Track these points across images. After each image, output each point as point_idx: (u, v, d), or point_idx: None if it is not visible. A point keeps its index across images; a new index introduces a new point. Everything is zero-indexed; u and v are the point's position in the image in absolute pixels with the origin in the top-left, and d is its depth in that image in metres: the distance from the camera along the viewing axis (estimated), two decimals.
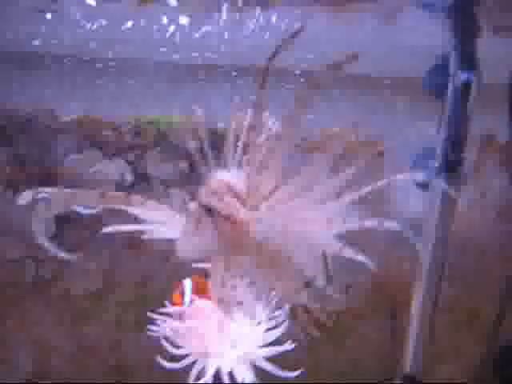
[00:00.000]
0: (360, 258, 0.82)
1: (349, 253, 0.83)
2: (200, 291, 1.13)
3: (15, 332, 1.88)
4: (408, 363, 1.85)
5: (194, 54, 1.78)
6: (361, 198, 0.83)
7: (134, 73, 1.85)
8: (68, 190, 0.81)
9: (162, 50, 1.77)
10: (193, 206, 0.82)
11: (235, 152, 0.90)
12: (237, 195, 0.82)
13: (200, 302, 1.13)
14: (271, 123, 0.90)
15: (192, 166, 1.93)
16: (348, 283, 0.90)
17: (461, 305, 1.95)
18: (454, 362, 1.94)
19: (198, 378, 1.15)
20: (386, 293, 1.95)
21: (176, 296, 1.17)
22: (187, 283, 1.16)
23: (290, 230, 0.83)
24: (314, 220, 0.83)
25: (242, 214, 0.81)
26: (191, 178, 1.92)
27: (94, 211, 0.90)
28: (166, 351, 1.17)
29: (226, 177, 0.84)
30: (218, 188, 0.82)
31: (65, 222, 1.87)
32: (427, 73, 1.79)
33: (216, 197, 0.81)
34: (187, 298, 1.15)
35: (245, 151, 0.84)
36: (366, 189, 0.83)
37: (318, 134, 1.48)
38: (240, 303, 0.85)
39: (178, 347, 1.15)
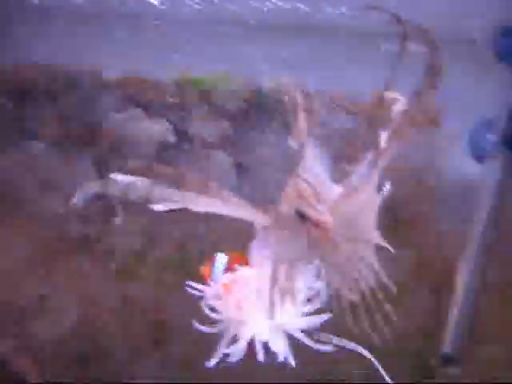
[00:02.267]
0: None
1: None
2: (235, 266, 1.06)
3: (63, 285, 1.96)
4: (448, 341, 1.80)
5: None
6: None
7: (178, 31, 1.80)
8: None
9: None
10: (284, 210, 0.82)
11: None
12: (319, 197, 0.82)
13: (240, 271, 1.07)
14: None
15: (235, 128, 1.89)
16: None
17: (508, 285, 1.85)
18: (496, 343, 1.86)
19: (231, 344, 1.10)
20: (432, 267, 1.88)
21: (205, 268, 1.09)
22: (220, 257, 1.09)
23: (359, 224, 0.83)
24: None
25: (325, 216, 0.80)
26: (233, 140, 1.88)
27: None
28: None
29: (309, 175, 0.83)
30: (303, 191, 0.81)
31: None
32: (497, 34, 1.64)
33: (304, 201, 0.81)
34: (217, 273, 1.08)
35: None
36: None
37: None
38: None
39: (214, 311, 1.10)
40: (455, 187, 1.82)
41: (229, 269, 1.07)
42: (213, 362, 1.02)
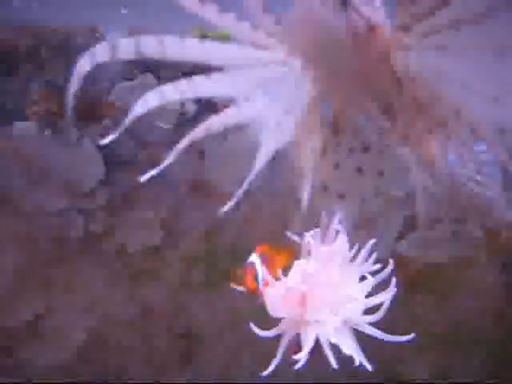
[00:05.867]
0: None
1: None
2: (269, 263, 0.92)
3: (64, 297, 1.60)
4: None
5: None
6: None
7: None
8: None
9: None
10: None
11: None
12: None
13: (300, 263, 0.91)
14: None
15: None
16: None
17: None
18: None
19: (290, 349, 0.93)
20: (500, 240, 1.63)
21: (249, 281, 0.93)
22: (256, 261, 0.93)
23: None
24: None
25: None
26: None
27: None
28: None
29: None
30: None
31: (115, 163, 1.56)
32: None
33: None
34: (261, 277, 0.93)
35: None
36: None
37: None
38: None
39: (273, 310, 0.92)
40: None
41: (268, 265, 0.91)
42: (269, 370, 0.89)
